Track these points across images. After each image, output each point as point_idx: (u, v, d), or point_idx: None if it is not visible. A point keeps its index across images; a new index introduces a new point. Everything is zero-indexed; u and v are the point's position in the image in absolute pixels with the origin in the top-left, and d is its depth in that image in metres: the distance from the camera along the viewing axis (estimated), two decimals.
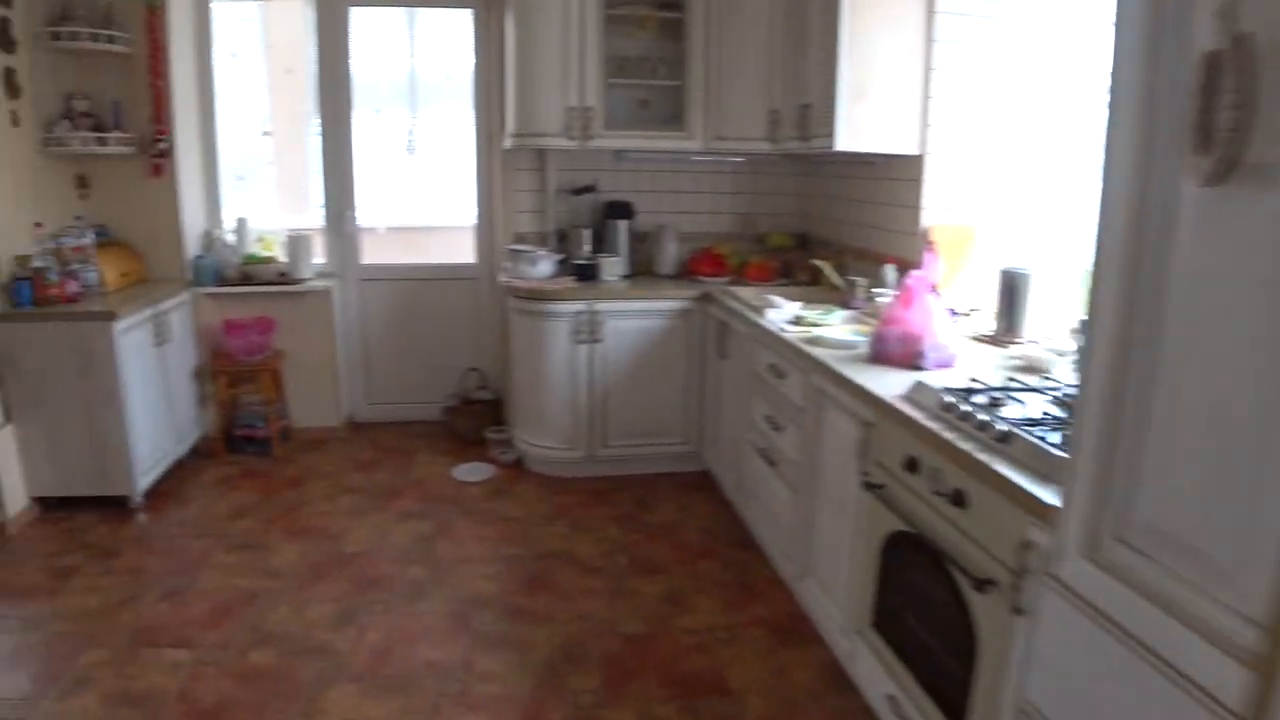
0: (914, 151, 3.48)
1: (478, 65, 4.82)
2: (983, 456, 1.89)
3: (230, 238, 4.88)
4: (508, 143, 4.36)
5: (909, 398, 2.34)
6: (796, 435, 3.04)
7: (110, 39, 4.16)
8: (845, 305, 3.68)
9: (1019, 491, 1.73)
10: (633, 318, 4.15)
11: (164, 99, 4.39)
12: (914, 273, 2.76)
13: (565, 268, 4.49)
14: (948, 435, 2.03)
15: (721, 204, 4.85)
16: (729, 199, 4.85)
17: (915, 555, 2.19)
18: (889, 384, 2.48)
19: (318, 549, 3.59)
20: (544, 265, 4.32)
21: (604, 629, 3.04)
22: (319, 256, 4.99)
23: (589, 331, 4.11)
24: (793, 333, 3.20)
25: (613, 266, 4.35)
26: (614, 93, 4.41)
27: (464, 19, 4.83)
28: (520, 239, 4.69)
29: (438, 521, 3.88)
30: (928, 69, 3.41)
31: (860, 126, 3.43)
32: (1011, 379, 2.38)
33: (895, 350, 2.73)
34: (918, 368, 2.66)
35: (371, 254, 5.11)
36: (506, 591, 3.29)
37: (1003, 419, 1.99)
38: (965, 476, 1.94)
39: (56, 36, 3.99)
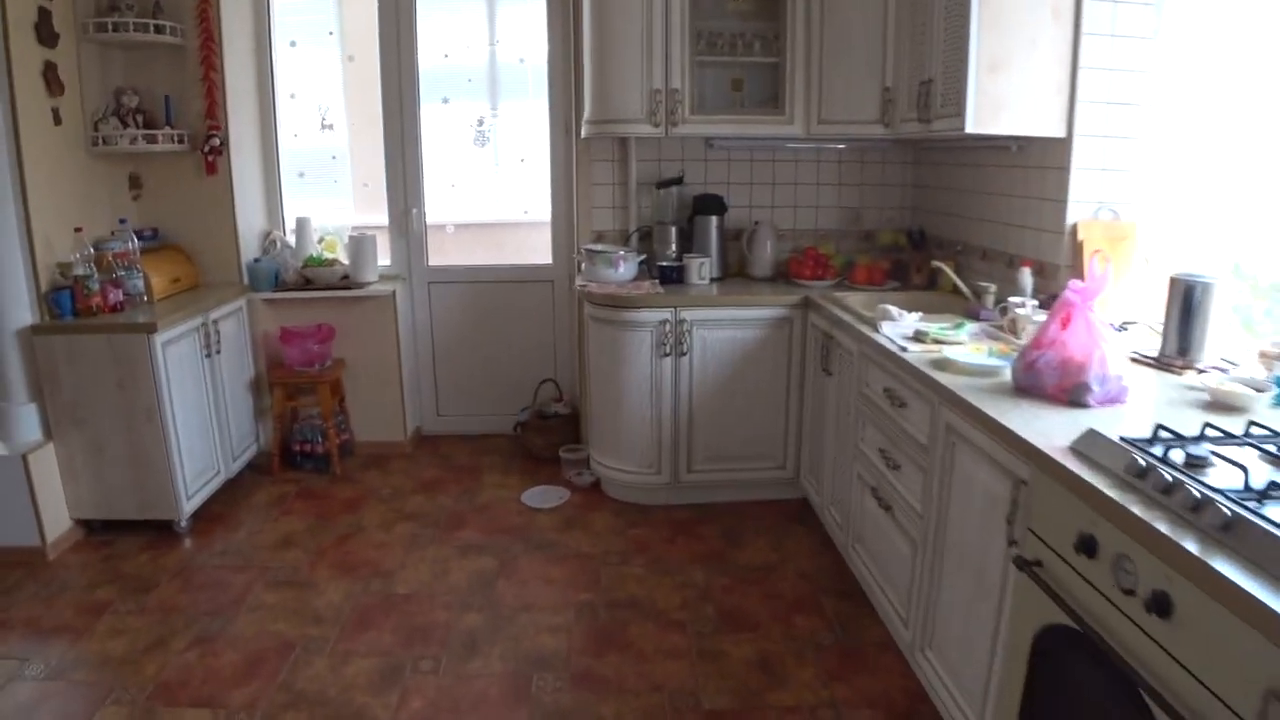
0: (1058, 133, 2.89)
1: (553, 50, 4.38)
2: (1197, 549, 1.33)
3: (291, 239, 4.57)
4: (585, 131, 3.90)
5: (1079, 451, 1.78)
6: (918, 478, 2.49)
7: (160, 29, 3.87)
8: (972, 316, 3.10)
9: (1260, 612, 1.17)
10: (723, 327, 3.64)
11: (217, 92, 4.09)
12: (1074, 284, 2.18)
13: (648, 270, 4.02)
14: (1143, 514, 1.47)
15: (824, 197, 4.29)
16: (832, 191, 4.29)
17: (1086, 664, 1.63)
18: (1047, 428, 1.92)
19: (366, 589, 3.21)
20: (624, 267, 3.86)
21: (684, 703, 2.56)
22: (385, 258, 4.63)
23: (674, 343, 3.62)
24: (914, 351, 2.64)
25: (701, 268, 3.85)
26: (703, 73, 3.91)
27: (538, 1, 4.39)
28: (599, 237, 4.24)
29: (502, 557, 3.45)
30: (1078, 31, 2.80)
31: (995, 103, 2.85)
32: (1207, 424, 1.79)
33: (1049, 381, 2.16)
34: (1079, 404, 2.09)
35: (440, 254, 4.73)
36: (573, 649, 2.83)
37: (1216, 492, 1.42)
38: (1171, 575, 1.38)
39: (103, 28, 3.71)
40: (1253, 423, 1.84)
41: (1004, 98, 2.84)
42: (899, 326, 2.94)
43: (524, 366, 4.73)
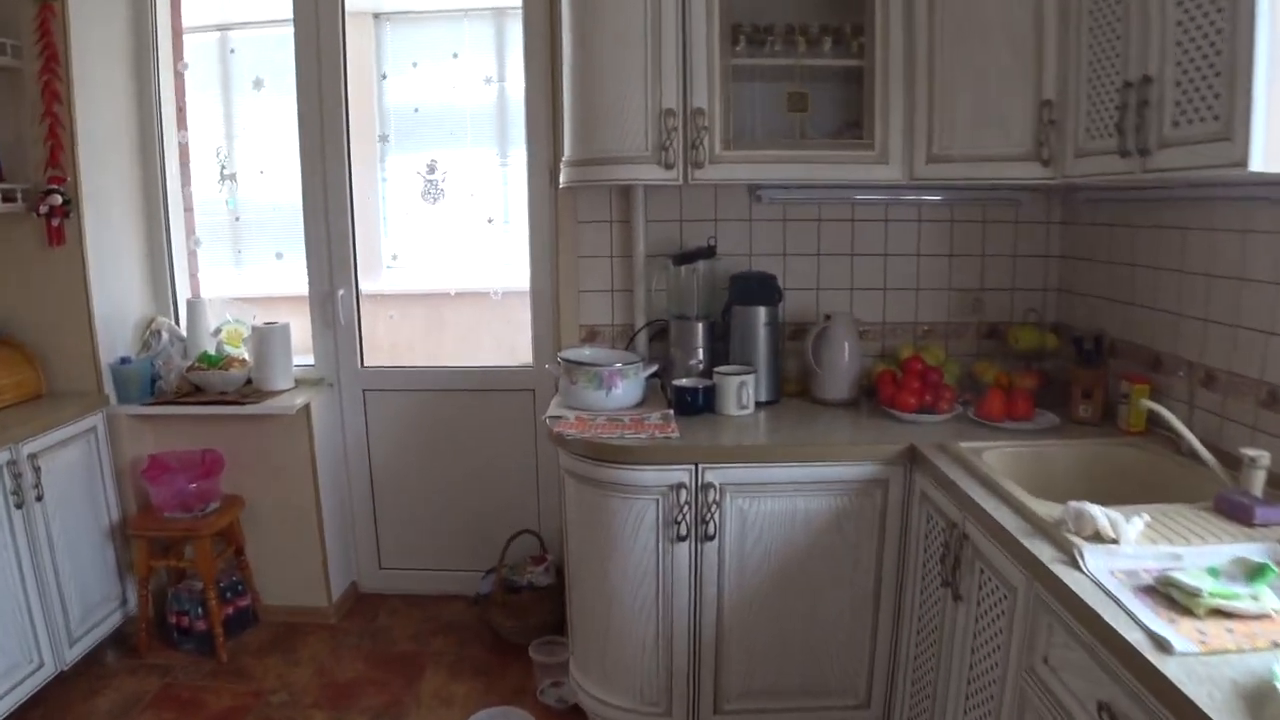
0: None
1: (531, 72, 3.05)
2: None
3: (182, 329, 3.32)
4: (564, 177, 2.57)
5: None
6: None
7: None
8: (1227, 509, 1.65)
9: None
10: (775, 494, 2.25)
11: (62, 133, 2.88)
12: None
13: (661, 390, 2.65)
14: None
15: (930, 274, 2.88)
16: (940, 266, 2.88)
17: None
18: None
19: None
20: (621, 388, 2.49)
21: None
22: (306, 355, 3.34)
23: (694, 519, 2.23)
24: (1182, 650, 1.20)
25: (742, 390, 2.47)
26: (742, 87, 2.57)
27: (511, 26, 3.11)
28: (590, 336, 2.89)
29: None
30: None
31: None
32: None
33: None
34: None
35: (380, 350, 3.42)
36: None
37: None
38: None
39: None
40: None
41: None
42: (1118, 557, 1.50)
43: (495, 508, 3.37)
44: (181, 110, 3.38)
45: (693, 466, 2.22)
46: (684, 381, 2.54)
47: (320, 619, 3.30)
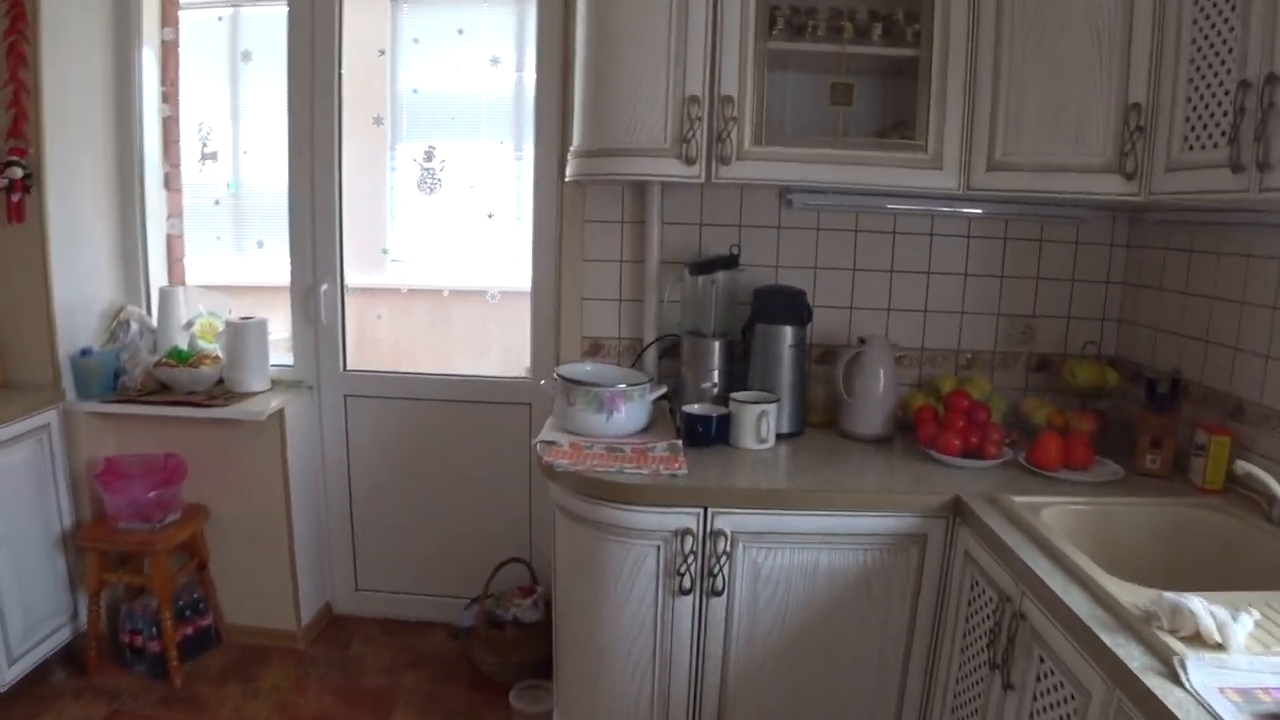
0: None
1: (542, 53, 2.75)
2: None
3: (154, 320, 3.05)
4: (571, 169, 2.28)
5: None
6: None
7: None
8: None
9: None
10: (792, 546, 1.94)
11: (27, 99, 2.61)
12: None
13: (670, 415, 2.35)
14: None
15: (976, 297, 2.57)
16: (988, 288, 2.56)
17: None
18: None
19: None
20: (625, 411, 2.19)
21: None
22: (284, 354, 3.07)
23: (700, 571, 1.92)
24: None
25: (761, 422, 2.17)
26: (776, 76, 2.27)
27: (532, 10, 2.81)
28: (593, 349, 2.60)
29: None
30: None
31: None
32: None
33: None
34: None
35: (365, 352, 3.14)
36: None
37: None
38: None
39: None
40: None
41: None
42: (1228, 669, 1.20)
43: (483, 531, 3.08)
44: (173, 84, 3.10)
45: (701, 510, 1.91)
46: (695, 408, 2.23)
47: (288, 643, 3.02)
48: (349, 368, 3.05)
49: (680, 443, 2.16)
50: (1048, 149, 2.00)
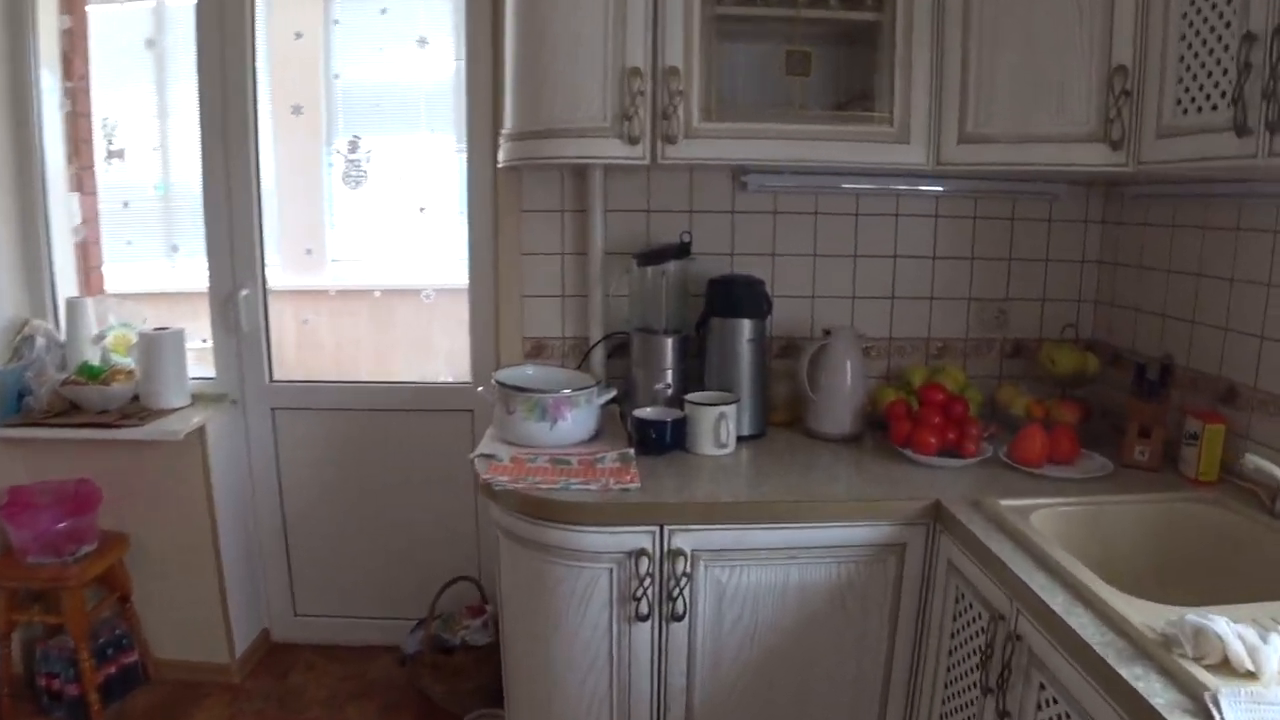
0: None
1: (473, 31, 2.53)
2: None
3: (62, 334, 2.80)
4: (504, 153, 2.07)
5: None
6: None
7: None
8: None
9: None
10: (758, 563, 1.77)
11: None
12: None
13: (620, 421, 2.16)
14: None
15: (946, 280, 2.40)
16: (958, 271, 2.40)
17: None
18: None
19: None
20: (571, 419, 1.99)
21: None
22: (206, 365, 2.83)
23: (658, 595, 1.74)
24: None
25: (720, 425, 1.98)
26: (726, 47, 2.07)
27: None
28: (535, 350, 2.39)
29: None
30: None
31: None
32: None
33: None
34: None
35: (292, 361, 2.92)
36: None
37: None
38: None
39: None
40: None
41: None
42: (1264, 705, 1.03)
43: (427, 548, 2.87)
44: (81, 78, 2.84)
45: (657, 528, 1.73)
46: (648, 412, 2.05)
47: (222, 677, 2.79)
48: (275, 378, 2.82)
49: (632, 451, 1.96)
50: (1025, 118, 1.83)
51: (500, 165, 2.13)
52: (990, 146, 1.86)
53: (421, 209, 2.81)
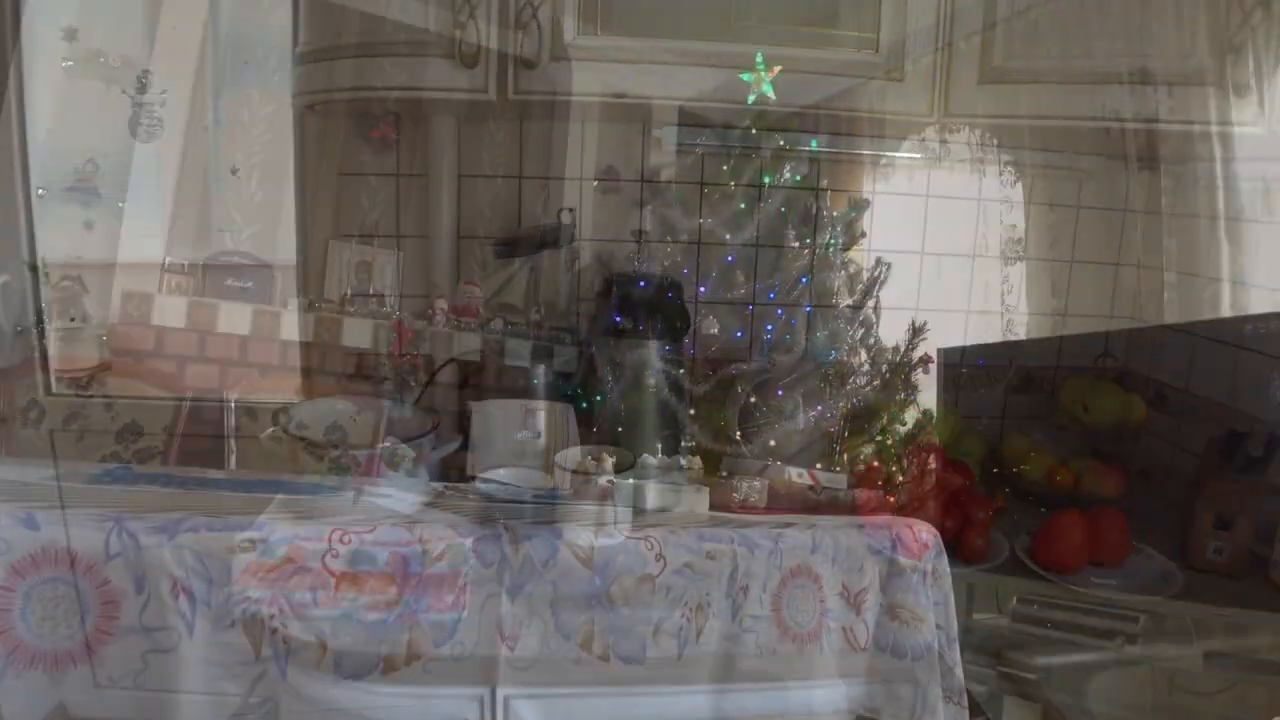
0: None
1: None
2: None
3: None
4: (293, 88, 1.34)
5: None
6: None
7: None
8: None
9: None
10: None
11: None
12: None
13: (458, 489, 1.47)
14: None
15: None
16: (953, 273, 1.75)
17: None
18: None
19: None
20: (387, 486, 1.29)
21: None
22: None
23: None
24: None
25: (606, 497, 1.30)
26: None
27: None
28: (354, 375, 1.67)
29: None
30: None
31: None
32: None
33: None
34: None
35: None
36: None
37: None
38: None
39: None
40: None
41: None
42: None
43: None
44: None
45: (487, 691, 1.05)
46: (500, 475, 1.36)
47: None
48: None
49: (470, 544, 1.28)
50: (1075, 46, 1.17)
51: (295, 99, 1.42)
52: (1023, 88, 1.19)
53: (234, 171, 2.07)
